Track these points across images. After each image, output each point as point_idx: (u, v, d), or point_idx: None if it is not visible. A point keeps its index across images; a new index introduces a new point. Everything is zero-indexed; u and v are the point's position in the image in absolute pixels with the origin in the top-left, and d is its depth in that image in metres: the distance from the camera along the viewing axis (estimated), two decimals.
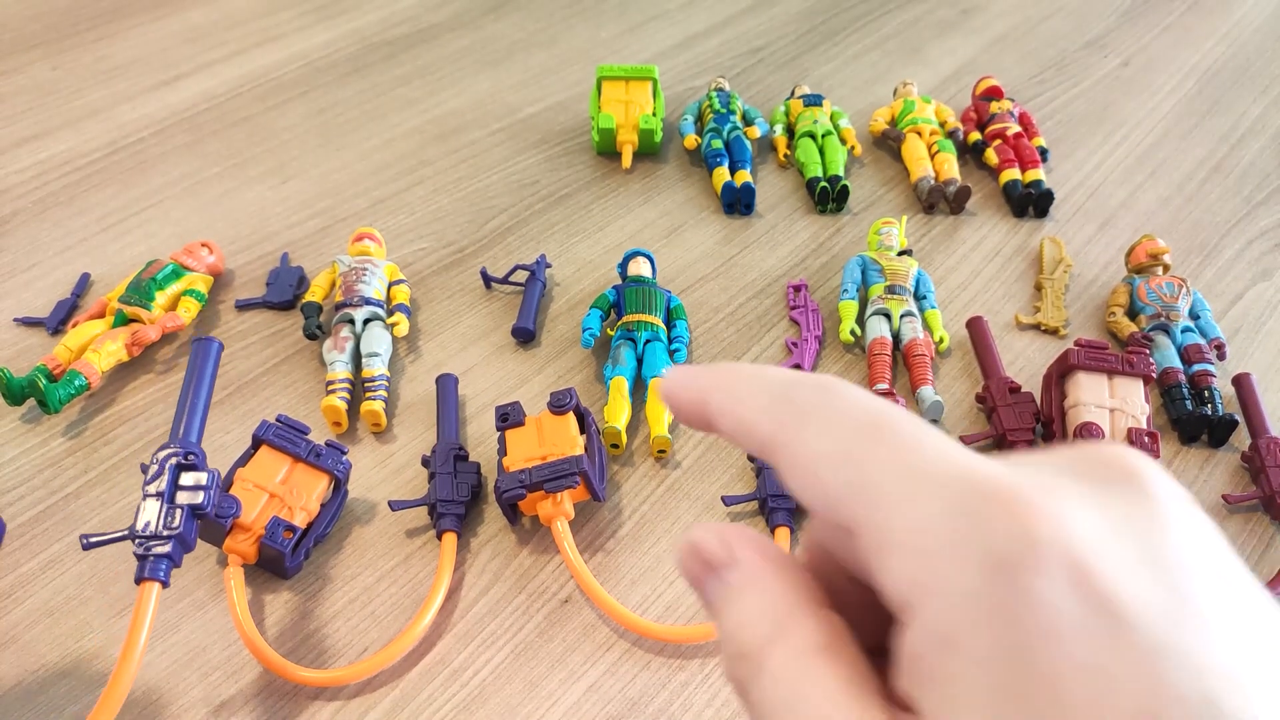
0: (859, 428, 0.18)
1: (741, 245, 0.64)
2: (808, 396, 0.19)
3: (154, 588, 0.36)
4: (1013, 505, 0.17)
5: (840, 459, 0.18)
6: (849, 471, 0.18)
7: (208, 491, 0.37)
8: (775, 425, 0.19)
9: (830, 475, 0.18)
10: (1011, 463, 0.18)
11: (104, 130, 0.72)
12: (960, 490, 0.17)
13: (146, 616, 0.35)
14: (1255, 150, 0.75)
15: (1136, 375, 0.50)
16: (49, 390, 0.49)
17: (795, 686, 0.18)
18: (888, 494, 0.17)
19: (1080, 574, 0.16)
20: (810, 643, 0.18)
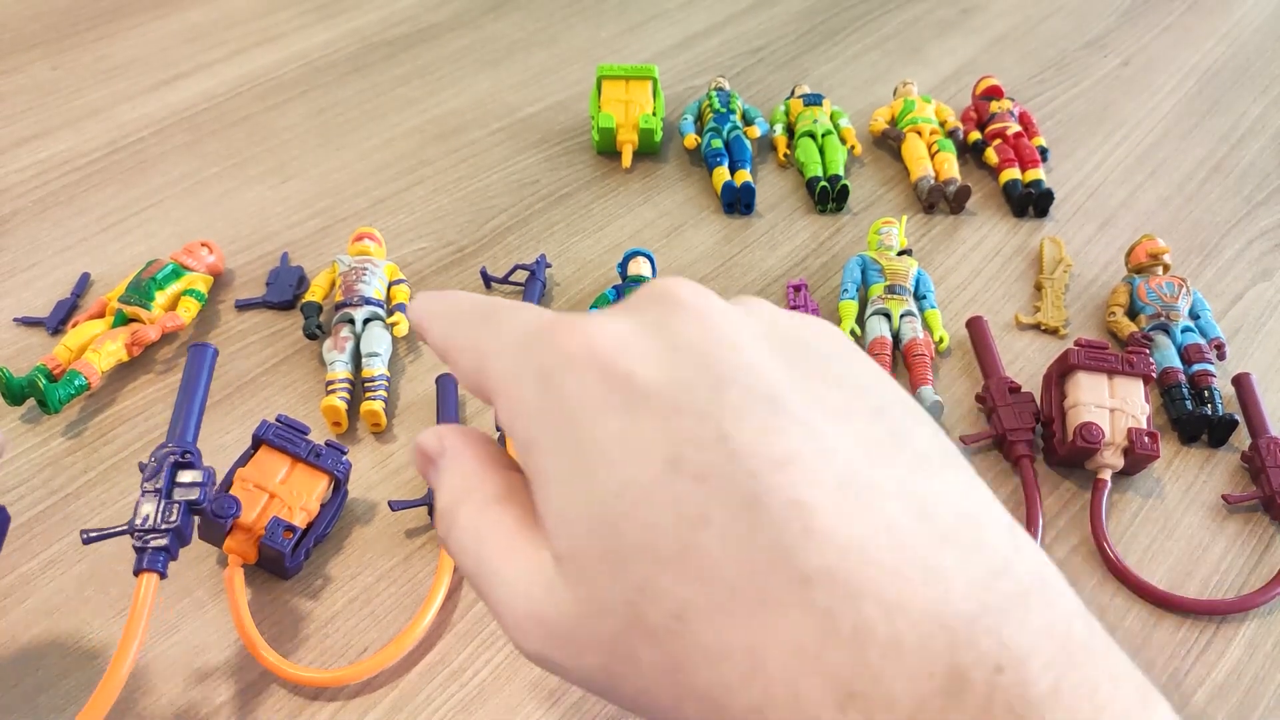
0: (477, 319, 0.24)
1: (741, 245, 0.64)
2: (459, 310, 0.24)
3: (152, 579, 0.37)
4: (553, 333, 0.21)
5: (467, 347, 0.23)
6: (472, 351, 0.23)
7: (204, 488, 0.38)
8: (442, 332, 0.24)
9: (466, 363, 0.23)
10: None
11: (104, 130, 0.72)
12: (525, 339, 0.22)
13: (145, 607, 0.36)
14: (1255, 150, 0.75)
15: (1136, 375, 0.50)
16: (49, 390, 0.49)
17: (477, 529, 0.22)
18: (488, 357, 0.23)
19: (604, 367, 0.20)
20: (490, 495, 0.23)
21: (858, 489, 0.18)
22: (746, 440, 0.18)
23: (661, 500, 0.18)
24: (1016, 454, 0.50)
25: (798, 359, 0.21)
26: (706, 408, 0.19)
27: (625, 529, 0.19)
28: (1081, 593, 0.45)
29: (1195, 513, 0.50)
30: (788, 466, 0.18)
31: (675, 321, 0.21)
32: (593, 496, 0.19)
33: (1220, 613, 0.45)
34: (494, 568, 0.22)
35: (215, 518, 0.41)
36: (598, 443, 0.20)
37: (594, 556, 0.19)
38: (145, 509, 0.37)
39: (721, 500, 0.18)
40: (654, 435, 0.19)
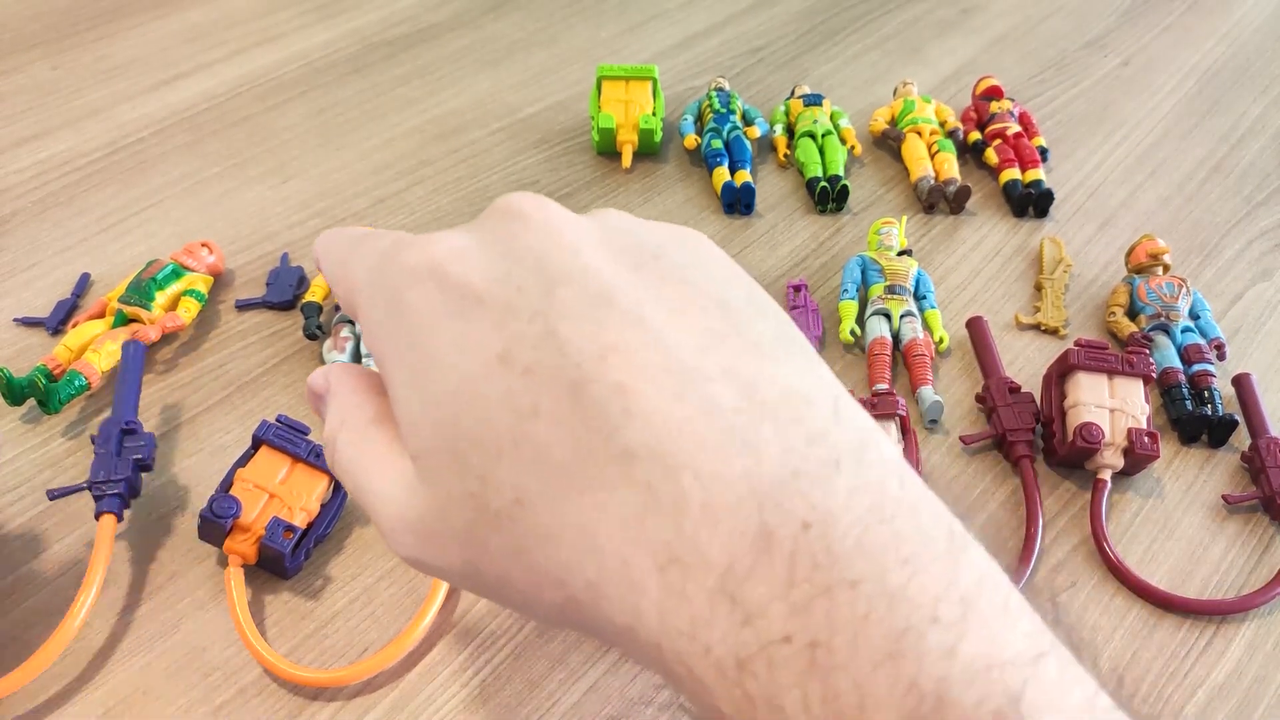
0: (348, 246, 0.26)
1: (741, 245, 0.64)
2: (343, 240, 0.27)
3: (110, 519, 0.43)
4: (396, 252, 0.23)
5: (339, 276, 0.25)
6: (343, 282, 0.25)
7: (146, 448, 0.45)
8: (325, 265, 0.27)
9: (339, 290, 0.25)
10: None
11: (104, 130, 0.72)
12: (378, 260, 0.24)
13: (105, 544, 0.42)
14: (1255, 150, 0.75)
15: (1136, 375, 0.50)
16: (50, 390, 0.49)
17: (355, 450, 0.24)
18: (353, 287, 0.24)
19: (442, 277, 0.22)
20: (366, 418, 0.24)
21: (682, 374, 0.19)
22: (573, 334, 0.19)
23: (494, 395, 0.20)
24: (1016, 454, 0.50)
25: (643, 262, 0.22)
26: (537, 306, 0.20)
27: (463, 425, 0.20)
28: (1081, 592, 0.46)
29: (1195, 513, 0.50)
30: (611, 355, 0.19)
31: (515, 231, 0.23)
32: (433, 397, 0.21)
33: (1220, 613, 0.45)
34: (368, 483, 0.23)
35: (215, 518, 0.41)
36: (436, 347, 0.21)
37: (439, 454, 0.21)
38: (100, 468, 0.44)
39: (549, 390, 0.19)
40: (486, 335, 0.20)
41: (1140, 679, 0.43)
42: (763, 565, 0.17)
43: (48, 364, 0.51)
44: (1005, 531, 0.48)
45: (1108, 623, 0.45)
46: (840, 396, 0.21)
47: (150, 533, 0.46)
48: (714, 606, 0.18)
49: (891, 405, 0.48)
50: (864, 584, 0.17)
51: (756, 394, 0.19)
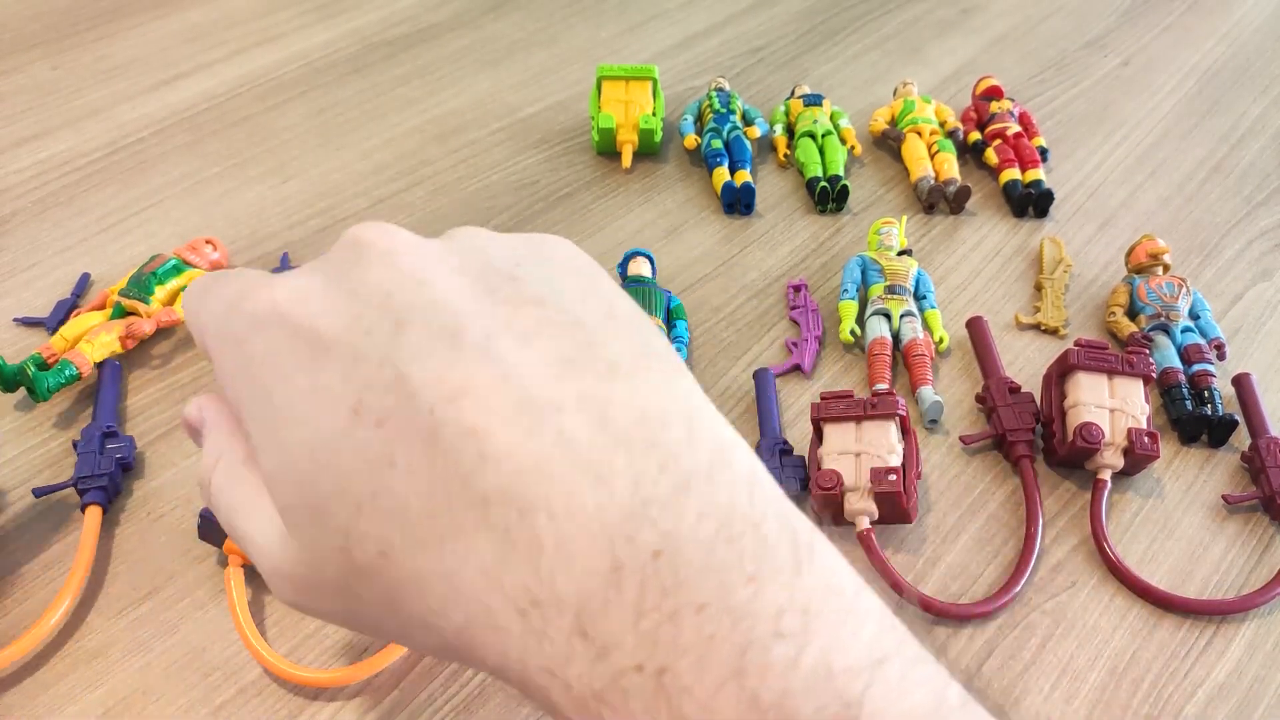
0: (201, 289, 0.25)
1: (741, 245, 0.64)
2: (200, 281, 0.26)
3: (96, 511, 0.45)
4: (244, 298, 0.22)
5: (192, 320, 0.25)
6: (195, 327, 0.25)
7: (127, 449, 0.48)
8: (187, 315, 0.27)
9: (194, 334, 0.25)
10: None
11: (104, 130, 0.72)
12: (226, 305, 0.23)
13: (92, 533, 0.44)
14: (1255, 150, 0.75)
15: (1136, 375, 0.50)
16: (38, 378, 0.49)
17: (227, 491, 0.24)
18: (205, 333, 0.24)
19: (288, 324, 0.21)
20: (237, 457, 0.24)
21: (535, 408, 0.19)
22: (422, 377, 0.19)
23: (349, 449, 0.19)
24: (1016, 454, 0.50)
25: (496, 285, 0.21)
26: (385, 351, 0.20)
27: (322, 481, 0.20)
28: (1081, 592, 0.46)
29: (1195, 513, 0.50)
30: (461, 398, 0.19)
31: (360, 267, 0.22)
32: (289, 454, 0.20)
33: (1220, 613, 0.45)
34: (244, 527, 0.23)
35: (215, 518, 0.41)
36: (287, 401, 0.20)
37: (303, 510, 0.20)
38: (83, 467, 0.46)
39: (403, 441, 0.19)
40: (337, 386, 0.20)
41: (1140, 679, 0.43)
42: (614, 599, 0.18)
43: (43, 352, 0.51)
44: (1005, 531, 0.48)
45: (1108, 623, 0.45)
46: (695, 411, 0.20)
47: (150, 533, 0.46)
48: (571, 645, 0.18)
49: (891, 405, 0.48)
50: (710, 606, 0.17)
51: (610, 422, 0.19)
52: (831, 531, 0.47)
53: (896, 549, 0.47)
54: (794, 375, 0.55)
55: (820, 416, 0.48)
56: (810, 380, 0.55)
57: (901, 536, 0.47)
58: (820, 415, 0.48)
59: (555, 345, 0.20)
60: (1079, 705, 0.42)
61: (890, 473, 0.45)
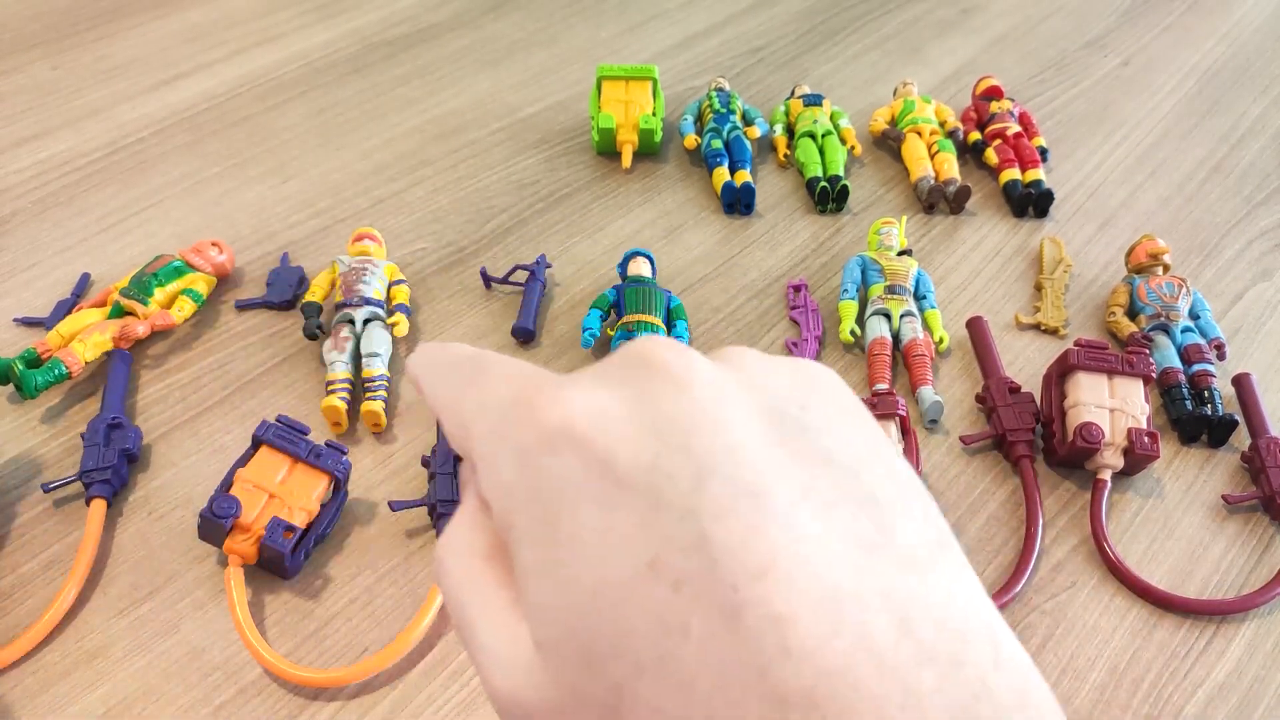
0: (463, 378, 0.23)
1: (741, 245, 0.64)
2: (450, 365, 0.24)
3: (101, 504, 0.45)
4: (530, 404, 0.20)
5: (451, 409, 0.22)
6: (456, 415, 0.22)
7: (133, 440, 0.48)
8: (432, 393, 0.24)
9: (450, 426, 0.22)
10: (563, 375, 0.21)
11: (104, 130, 0.72)
12: (506, 403, 0.21)
13: (96, 524, 0.45)
14: (1255, 150, 0.75)
15: (1136, 375, 0.50)
16: (25, 376, 0.49)
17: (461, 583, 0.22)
18: (470, 425, 0.22)
19: (582, 448, 0.19)
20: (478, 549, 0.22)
21: (838, 600, 0.18)
22: (727, 546, 0.18)
23: (640, 605, 0.18)
24: (1016, 454, 0.50)
25: (788, 432, 0.20)
26: (687, 503, 0.18)
27: (602, 630, 0.18)
28: (1081, 593, 0.46)
29: (1195, 513, 0.50)
30: (767, 577, 0.18)
31: (657, 394, 0.20)
32: (569, 593, 0.19)
33: (1220, 613, 0.45)
34: (474, 628, 0.21)
35: (215, 518, 0.41)
36: (575, 536, 0.19)
37: (571, 653, 0.19)
38: (89, 459, 0.46)
39: (701, 610, 0.18)
40: (633, 533, 0.18)
41: (1140, 679, 0.43)
42: None
43: (37, 348, 0.52)
44: (1005, 531, 0.48)
45: (1108, 623, 0.45)
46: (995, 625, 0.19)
47: (150, 533, 0.46)
48: None
49: (891, 405, 0.48)
50: None
51: (913, 627, 0.18)
52: None
53: None
54: None
55: None
56: None
57: None
58: None
59: (853, 523, 0.19)
60: (1079, 705, 0.42)
61: None
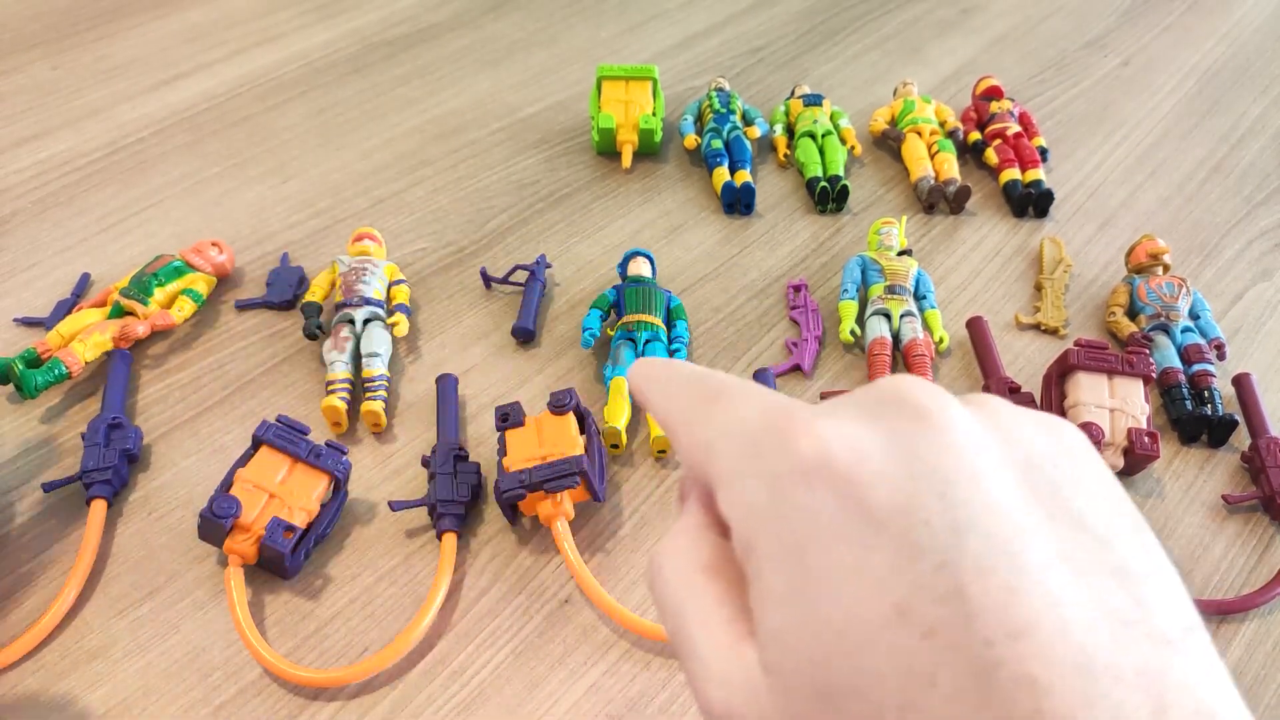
0: (703, 398, 0.23)
1: (741, 245, 0.64)
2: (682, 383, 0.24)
3: (101, 504, 0.46)
4: (786, 431, 0.20)
5: (690, 425, 0.23)
6: (695, 434, 0.22)
7: (134, 440, 0.48)
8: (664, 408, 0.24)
9: (687, 442, 0.23)
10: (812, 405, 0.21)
11: (104, 130, 0.72)
12: (756, 429, 0.21)
13: (97, 526, 0.45)
14: (1255, 150, 0.75)
15: (1136, 375, 0.50)
16: (25, 376, 0.49)
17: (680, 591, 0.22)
18: (713, 445, 0.22)
19: (839, 483, 0.19)
20: (698, 560, 0.22)
21: (1093, 673, 0.17)
22: (984, 602, 0.17)
23: (886, 648, 0.18)
24: None
25: (1040, 493, 0.20)
26: (945, 554, 0.18)
27: (844, 668, 0.18)
28: None
29: (1195, 513, 0.50)
30: (1024, 638, 0.17)
31: (914, 437, 0.20)
32: (813, 627, 0.19)
33: (1220, 613, 0.45)
34: (692, 639, 0.21)
35: (215, 518, 0.41)
36: (823, 570, 0.19)
37: (806, 684, 0.19)
38: (89, 459, 0.46)
39: (951, 663, 0.17)
40: (884, 575, 0.18)
41: None
42: None
43: (37, 348, 0.52)
44: None
45: None
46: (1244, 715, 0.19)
47: (150, 533, 0.46)
48: None
49: None
50: None
51: (1167, 711, 0.17)
52: None
53: None
54: (794, 375, 0.55)
55: None
56: (810, 380, 0.55)
57: None
58: None
59: (1108, 593, 0.19)
60: None
61: None
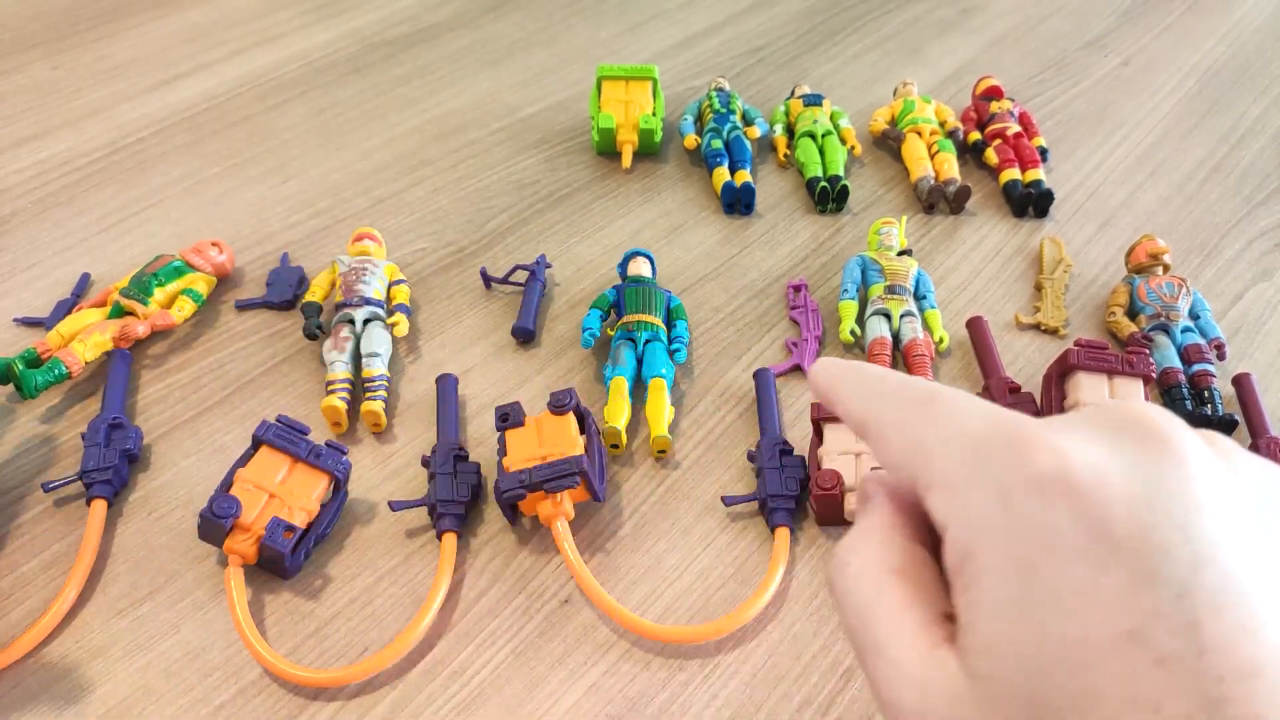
0: (913, 401, 0.23)
1: (741, 245, 0.64)
2: (880, 383, 0.24)
3: (101, 504, 0.46)
4: (1022, 443, 0.20)
5: (900, 426, 0.23)
6: (906, 435, 0.22)
7: (134, 440, 0.48)
8: (863, 408, 0.24)
9: (897, 443, 0.23)
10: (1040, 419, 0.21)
11: (104, 130, 0.72)
12: (983, 436, 0.21)
13: (96, 527, 0.45)
14: (1255, 150, 0.75)
15: (1136, 375, 0.50)
16: (25, 376, 0.49)
17: (866, 591, 0.22)
18: (929, 449, 0.22)
19: (1077, 500, 0.19)
20: (886, 562, 0.22)
21: None
22: (1218, 638, 0.17)
23: (1112, 671, 0.18)
24: None
25: (1272, 535, 0.20)
26: (1183, 586, 0.18)
27: (1063, 686, 0.18)
28: None
29: None
30: (1254, 679, 0.17)
31: (1156, 464, 0.20)
32: (1034, 640, 0.19)
33: None
34: (880, 640, 0.21)
35: (215, 518, 0.41)
36: (1052, 583, 0.19)
37: (1017, 697, 0.19)
38: (90, 459, 0.46)
39: (1178, 694, 0.17)
40: (1119, 599, 0.18)
41: None
42: None
43: (37, 348, 0.52)
44: None
45: None
46: None
47: (150, 533, 0.46)
48: None
49: None
50: None
51: None
52: (831, 532, 0.47)
53: None
54: (794, 375, 0.55)
55: (820, 416, 0.48)
56: None
57: None
58: (820, 415, 0.48)
59: None
60: None
61: None
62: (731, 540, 0.47)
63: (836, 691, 0.41)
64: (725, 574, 0.45)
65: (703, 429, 0.52)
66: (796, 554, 0.46)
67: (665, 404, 0.50)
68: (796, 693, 0.41)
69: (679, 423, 0.52)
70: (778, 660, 0.42)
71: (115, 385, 0.51)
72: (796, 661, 0.42)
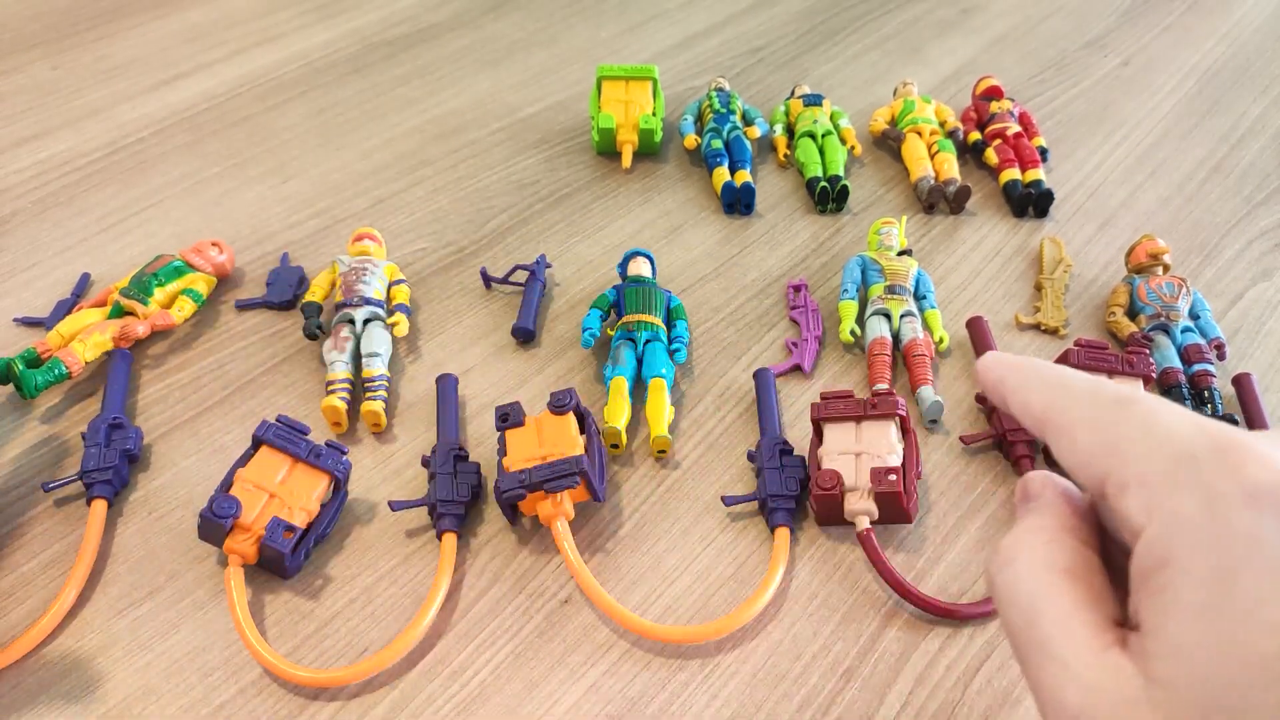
0: (1110, 402, 0.23)
1: (741, 245, 0.64)
2: (1074, 383, 0.24)
3: (102, 504, 0.45)
4: (1235, 453, 0.20)
5: (1093, 425, 0.22)
6: (1100, 434, 0.22)
7: (134, 440, 0.48)
8: (1046, 403, 0.24)
9: (1086, 438, 0.22)
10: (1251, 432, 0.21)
11: (104, 130, 0.72)
12: (1188, 441, 0.20)
13: (97, 527, 0.45)
14: (1255, 150, 0.75)
15: (1136, 375, 0.50)
16: (25, 376, 0.49)
17: (1033, 589, 0.22)
18: (1127, 449, 0.21)
19: None
20: (1054, 561, 0.22)
21: None
22: None
23: None
24: (1016, 454, 0.50)
25: None
26: None
27: (1255, 697, 0.18)
28: None
29: None
30: None
31: None
32: (1227, 650, 0.19)
33: None
34: (1049, 640, 0.21)
35: (215, 518, 0.41)
36: (1258, 597, 0.18)
37: (1202, 704, 0.19)
38: (90, 459, 0.46)
39: None
40: None
41: None
42: None
43: (37, 347, 0.52)
44: (1005, 531, 0.48)
45: None
46: None
47: (150, 533, 0.46)
48: None
49: (891, 405, 0.48)
50: None
51: None
52: (831, 532, 0.47)
53: (896, 549, 0.47)
54: (794, 375, 0.55)
55: (820, 416, 0.48)
56: (810, 380, 0.55)
57: (901, 536, 0.47)
58: (820, 415, 0.48)
59: None
60: None
61: (890, 473, 0.45)
62: (731, 540, 0.47)
63: (836, 691, 0.41)
64: (725, 574, 0.45)
65: (703, 429, 0.52)
66: (796, 554, 0.46)
67: (665, 404, 0.51)
68: (796, 693, 0.41)
69: (679, 423, 0.52)
70: (778, 660, 0.42)
71: (115, 385, 0.51)
72: (796, 661, 0.42)
